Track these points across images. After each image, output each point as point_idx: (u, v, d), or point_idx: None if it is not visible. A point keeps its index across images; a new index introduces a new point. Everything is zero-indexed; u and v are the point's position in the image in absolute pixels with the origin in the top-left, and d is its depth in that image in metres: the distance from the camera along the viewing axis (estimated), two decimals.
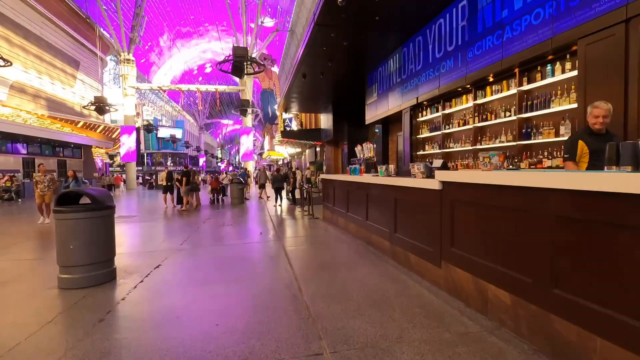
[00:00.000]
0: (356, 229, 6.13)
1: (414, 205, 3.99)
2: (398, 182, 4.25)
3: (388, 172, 5.20)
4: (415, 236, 3.98)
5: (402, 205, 4.33)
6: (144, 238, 7.19)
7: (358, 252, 5.12)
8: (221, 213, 11.08)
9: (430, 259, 3.61)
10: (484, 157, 2.89)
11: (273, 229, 7.65)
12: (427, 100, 8.15)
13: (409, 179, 4.03)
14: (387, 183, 4.62)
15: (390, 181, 4.54)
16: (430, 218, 3.59)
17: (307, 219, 9.05)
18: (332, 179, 7.88)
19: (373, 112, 11.25)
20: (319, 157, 21.20)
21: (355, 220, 6.14)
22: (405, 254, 4.20)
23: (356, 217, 6.11)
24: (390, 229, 4.66)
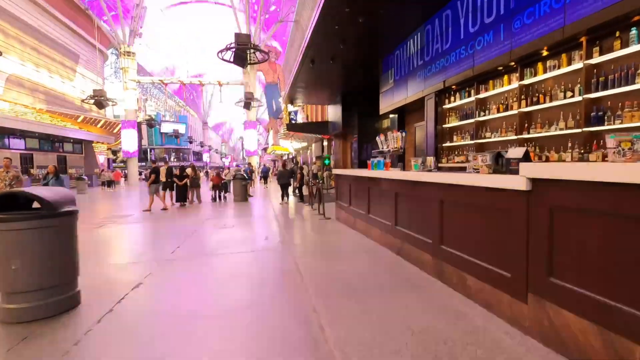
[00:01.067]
0: (381, 235, 5.07)
1: (477, 211, 2.91)
2: (450, 179, 3.16)
3: (425, 166, 4.12)
4: (477, 253, 2.91)
5: (454, 210, 3.25)
6: (131, 244, 6.18)
7: (389, 268, 4.06)
8: (222, 212, 10.06)
9: (508, 289, 2.54)
10: (623, 140, 1.80)
11: (280, 233, 6.61)
12: (456, 84, 7.03)
13: (467, 175, 2.94)
14: (430, 180, 3.54)
15: (434, 177, 3.46)
16: (508, 230, 2.52)
17: (318, 220, 8.00)
18: (347, 174, 6.81)
19: (389, 100, 10.12)
20: (325, 152, 20.10)
21: (380, 224, 5.08)
22: (460, 276, 3.13)
23: (381, 220, 5.04)
24: (433, 239, 3.59)
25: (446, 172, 3.78)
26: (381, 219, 5.04)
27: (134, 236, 6.83)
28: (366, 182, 5.64)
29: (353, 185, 6.49)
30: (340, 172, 7.41)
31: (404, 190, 4.27)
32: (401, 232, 4.37)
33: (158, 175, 10.75)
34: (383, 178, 4.82)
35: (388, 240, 4.80)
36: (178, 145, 45.87)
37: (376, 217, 5.25)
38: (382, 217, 5.03)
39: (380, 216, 5.08)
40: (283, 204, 11.24)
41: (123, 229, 7.50)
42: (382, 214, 5.04)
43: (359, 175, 5.94)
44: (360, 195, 5.99)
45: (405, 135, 5.27)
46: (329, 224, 7.31)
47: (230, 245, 5.66)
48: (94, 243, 6.04)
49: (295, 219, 8.45)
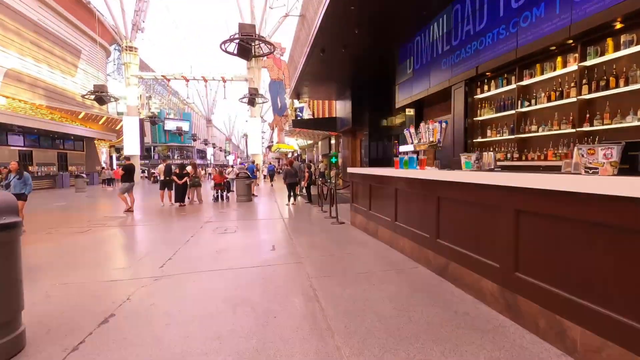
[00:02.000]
0: (414, 248, 4.12)
1: (595, 231, 1.96)
2: (559, 183, 2.20)
3: (481, 164, 3.17)
4: (594, 293, 1.96)
5: (548, 226, 2.29)
6: (114, 254, 5.27)
7: (434, 296, 3.11)
8: (224, 214, 9.15)
9: None
10: None
11: (289, 240, 5.68)
12: (492, 70, 6.04)
13: (575, 177, 1.99)
14: (501, 183, 2.59)
15: (508, 180, 2.50)
16: None
17: (330, 224, 7.07)
18: (367, 173, 5.86)
19: (406, 92, 9.14)
20: (333, 149, 19.16)
21: (413, 235, 4.13)
22: (554, 322, 2.18)
23: (415, 230, 4.10)
24: (502, 263, 2.64)
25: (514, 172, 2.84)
26: (415, 229, 4.09)
27: (120, 244, 5.93)
28: (393, 184, 4.69)
29: (374, 187, 5.54)
30: (357, 171, 6.47)
31: (452, 195, 3.32)
32: (446, 247, 3.42)
33: (130, 174, 9.88)
34: (420, 179, 3.86)
35: (425, 255, 3.85)
36: (182, 143, 45.10)
37: (407, 226, 4.30)
38: (416, 226, 4.08)
39: (414, 225, 4.13)
40: (290, 205, 10.32)
41: (110, 235, 6.60)
42: (416, 222, 4.09)
43: (384, 175, 4.99)
44: (385, 199, 5.05)
45: (446, 126, 4.31)
46: (343, 230, 6.37)
47: (230, 257, 4.74)
48: (70, 253, 5.14)
49: (305, 223, 7.53)
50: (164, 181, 11.12)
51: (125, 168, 9.95)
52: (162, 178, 11.17)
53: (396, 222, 4.63)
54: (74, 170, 24.15)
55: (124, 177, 9.93)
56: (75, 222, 8.13)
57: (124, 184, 9.88)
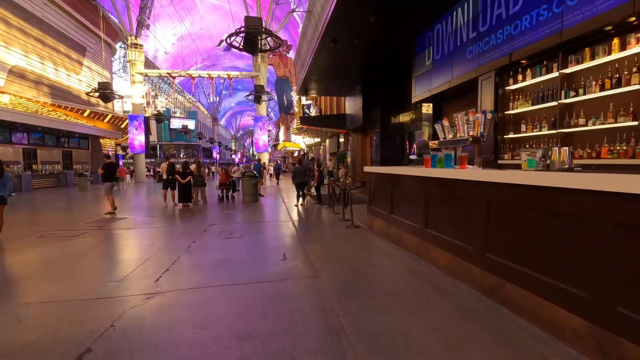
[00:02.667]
0: (452, 261, 3.47)
1: None
2: None
3: (549, 162, 2.51)
4: None
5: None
6: (106, 263, 4.66)
7: (493, 329, 2.45)
8: (230, 215, 8.56)
9: None
10: None
11: (301, 247, 5.06)
12: (528, 57, 5.35)
13: None
14: (609, 189, 1.94)
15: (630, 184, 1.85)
16: None
17: (345, 228, 6.43)
18: (387, 173, 5.22)
19: (425, 85, 8.46)
20: (342, 148, 18.50)
21: (451, 246, 3.48)
22: None
23: (453, 241, 3.45)
24: (596, 294, 1.99)
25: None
26: (453, 239, 3.44)
27: (115, 250, 5.35)
28: (423, 185, 4.04)
29: (398, 188, 4.90)
30: (376, 170, 5.82)
31: (511, 200, 2.67)
32: (499, 264, 2.77)
33: (112, 172, 9.27)
34: (462, 180, 3.21)
35: (467, 271, 3.20)
36: (187, 142, 44.68)
37: (442, 235, 3.65)
38: (454, 236, 3.43)
39: (452, 234, 3.48)
40: (299, 206, 9.70)
41: (106, 239, 6.03)
42: (454, 231, 3.44)
43: (410, 175, 4.33)
44: (412, 202, 4.40)
45: (493, 116, 3.65)
46: (360, 236, 5.73)
47: (235, 268, 4.13)
48: (58, 262, 4.56)
49: (317, 226, 6.90)
50: (167, 180, 10.57)
51: (106, 167, 9.21)
52: (165, 177, 10.62)
53: (427, 229, 3.98)
54: (78, 169, 23.80)
55: (104, 176, 9.20)
56: (72, 223, 7.60)
57: (106, 183, 9.18)
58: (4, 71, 20.17)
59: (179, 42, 40.95)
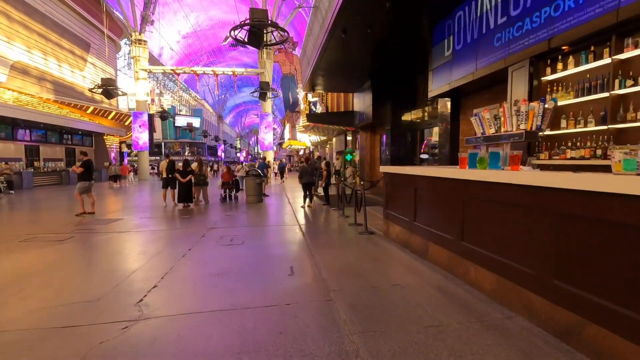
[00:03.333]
0: (502, 285, 2.79)
1: None
2: None
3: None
4: None
5: None
6: (86, 275, 4.01)
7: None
8: (232, 218, 7.93)
9: None
10: None
11: (311, 258, 4.41)
12: (572, 43, 4.64)
13: None
14: None
15: None
16: None
17: (358, 234, 5.77)
18: (410, 174, 4.53)
19: (443, 78, 7.76)
20: (349, 146, 17.81)
21: (500, 267, 2.80)
22: None
23: (503, 261, 2.76)
24: None
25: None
26: (504, 258, 2.75)
27: (100, 258, 4.73)
28: (460, 189, 3.36)
29: (423, 192, 4.21)
30: (395, 170, 5.14)
31: (592, 213, 1.99)
32: (578, 297, 2.09)
33: (89, 171, 8.60)
34: (523, 186, 2.51)
35: (525, 300, 2.52)
36: (192, 139, 44.26)
37: (486, 252, 2.97)
38: (505, 254, 2.74)
39: (502, 252, 2.79)
40: (306, 207, 9.05)
41: (93, 244, 5.42)
42: (505, 248, 2.75)
43: (442, 177, 3.64)
44: (443, 209, 3.72)
45: (555, 104, 2.96)
46: (376, 244, 5.07)
47: (234, 285, 3.48)
48: (32, 274, 3.94)
49: (326, 231, 6.25)
50: (167, 179, 9.98)
51: (84, 164, 8.50)
52: (164, 176, 10.03)
53: (462, 242, 3.31)
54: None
55: (81, 174, 8.48)
56: (63, 225, 7.02)
57: (81, 182, 8.45)
58: (6, 67, 19.75)
59: (184, 40, 40.46)
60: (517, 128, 2.97)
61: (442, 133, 9.04)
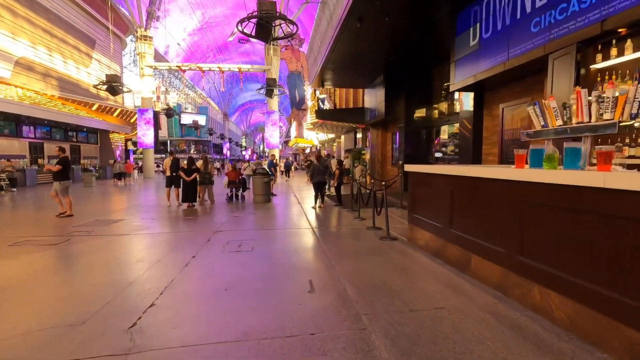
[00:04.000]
0: (583, 315, 2.19)
1: None
2: None
3: None
4: None
5: None
6: (74, 290, 3.46)
7: None
8: (239, 219, 7.40)
9: None
10: None
11: (331, 270, 3.84)
12: (630, 24, 4.01)
13: None
14: None
15: None
16: None
17: (378, 240, 5.19)
18: (447, 174, 3.93)
19: (468, 70, 7.13)
20: (359, 144, 17.22)
21: (579, 292, 2.21)
22: None
23: (583, 284, 2.17)
24: None
25: None
26: (587, 282, 2.16)
27: (93, 268, 4.20)
28: (513, 193, 2.77)
29: (462, 195, 3.62)
30: (424, 170, 4.54)
31: None
32: None
33: (66, 168, 7.80)
34: (631, 192, 1.92)
35: (622, 340, 1.93)
36: (198, 137, 43.88)
37: (559, 272, 2.37)
38: (589, 277, 2.15)
39: (582, 274, 2.19)
40: (316, 208, 8.49)
41: (88, 250, 4.89)
42: (589, 270, 2.16)
43: (493, 179, 3.04)
44: (492, 217, 3.13)
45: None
46: (403, 253, 4.48)
47: (243, 305, 2.92)
48: (14, 286, 3.40)
49: (344, 236, 5.67)
50: (171, 177, 9.47)
51: (61, 162, 7.63)
52: (168, 174, 9.52)
53: (521, 256, 2.72)
54: (86, 164, 23.05)
55: (58, 173, 7.58)
56: (59, 226, 6.54)
57: (58, 182, 7.57)
58: (10, 62, 19.40)
59: (190, 37, 40.03)
60: (600, 118, 2.37)
61: (462, 130, 8.41)
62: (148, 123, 24.72)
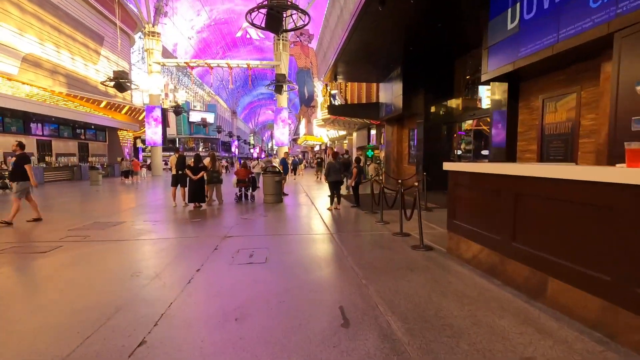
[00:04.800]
0: None
1: None
2: None
3: None
4: None
5: None
6: (48, 319, 2.79)
7: None
8: (250, 223, 6.70)
9: None
10: None
11: (365, 294, 3.09)
12: None
13: None
14: None
15: None
16: None
17: (411, 250, 4.45)
18: (512, 174, 3.15)
19: (505, 56, 6.29)
20: (373, 141, 16.42)
21: None
22: None
23: None
24: None
25: None
26: None
27: (83, 286, 3.53)
28: (624, 202, 2.01)
29: (534, 201, 2.85)
30: (473, 168, 3.77)
31: None
32: None
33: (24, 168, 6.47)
34: None
35: None
36: (206, 135, 43.44)
37: None
38: None
39: None
40: (332, 210, 7.76)
41: (79, 259, 4.23)
42: None
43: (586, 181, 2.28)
44: (583, 231, 2.36)
45: None
46: (446, 268, 3.73)
47: (262, 338, 2.21)
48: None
49: (371, 245, 4.92)
50: (176, 176, 8.83)
51: (19, 160, 6.46)
52: (173, 172, 8.88)
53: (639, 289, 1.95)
54: (94, 162, 22.67)
55: (14, 173, 6.49)
56: (54, 230, 5.92)
57: (17, 183, 6.44)
58: (17, 59, 19.01)
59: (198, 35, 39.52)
60: None
61: (493, 124, 7.60)
62: (156, 120, 24.24)
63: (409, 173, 12.55)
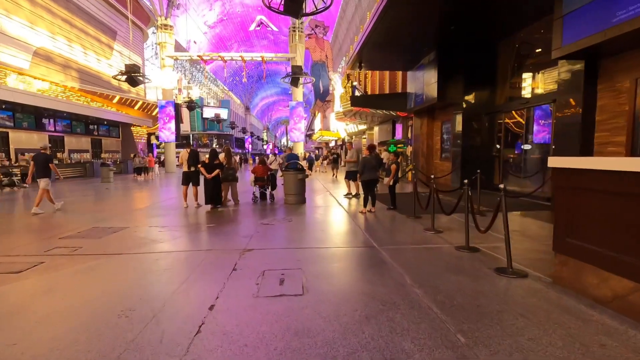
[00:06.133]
0: None
1: None
2: None
3: None
4: None
5: None
6: None
7: None
8: (272, 230, 5.58)
9: None
10: None
11: (457, 352, 1.95)
12: None
13: None
14: None
15: None
16: None
17: (493, 273, 3.26)
18: None
19: (591, 24, 4.96)
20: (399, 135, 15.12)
21: None
22: None
23: None
24: None
25: None
26: None
27: (47, 325, 2.47)
28: None
29: None
30: (609, 165, 2.54)
31: None
32: None
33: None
34: None
35: None
36: (220, 131, 42.69)
37: None
38: None
39: None
40: (366, 213, 6.60)
41: (59, 285, 3.17)
42: None
43: None
44: None
45: None
46: (567, 309, 2.52)
47: None
48: None
49: (433, 264, 3.72)
50: (188, 173, 7.79)
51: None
52: (185, 169, 7.84)
53: None
54: (105, 158, 22.05)
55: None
56: (42, 239, 4.94)
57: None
58: (29, 53, 18.37)
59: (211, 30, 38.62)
60: None
61: (561, 112, 6.27)
62: (169, 115, 23.45)
63: (441, 170, 11.26)
